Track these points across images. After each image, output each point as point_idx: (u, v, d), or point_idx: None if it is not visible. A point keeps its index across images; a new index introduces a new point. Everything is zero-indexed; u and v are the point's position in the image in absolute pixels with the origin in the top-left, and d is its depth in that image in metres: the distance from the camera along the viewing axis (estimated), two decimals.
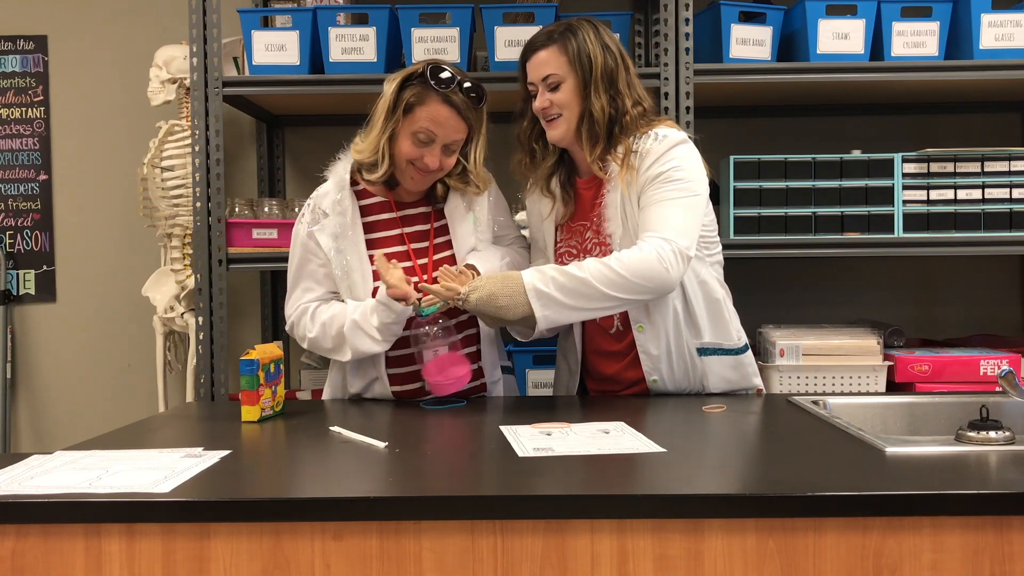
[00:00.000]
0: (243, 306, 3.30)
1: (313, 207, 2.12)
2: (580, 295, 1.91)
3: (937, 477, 1.41)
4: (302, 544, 1.32)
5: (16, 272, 3.32)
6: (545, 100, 2.08)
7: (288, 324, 2.18)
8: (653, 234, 1.97)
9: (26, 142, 3.31)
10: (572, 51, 2.05)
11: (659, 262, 1.93)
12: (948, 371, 2.61)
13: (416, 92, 2.01)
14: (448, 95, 2.00)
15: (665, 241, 1.94)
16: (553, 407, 2.07)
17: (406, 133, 2.02)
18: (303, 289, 2.14)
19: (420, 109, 2.00)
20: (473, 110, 2.04)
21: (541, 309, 1.91)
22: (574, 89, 2.07)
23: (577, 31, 2.07)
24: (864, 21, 2.68)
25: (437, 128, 2.01)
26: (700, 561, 1.30)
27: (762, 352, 2.75)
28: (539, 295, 1.90)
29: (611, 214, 2.07)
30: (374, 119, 2.06)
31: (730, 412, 1.95)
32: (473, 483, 1.49)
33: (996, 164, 2.71)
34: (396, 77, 2.04)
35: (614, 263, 1.94)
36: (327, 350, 2.12)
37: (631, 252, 1.95)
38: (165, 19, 3.23)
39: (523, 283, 1.91)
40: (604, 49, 2.06)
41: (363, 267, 2.08)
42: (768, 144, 3.02)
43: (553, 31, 2.09)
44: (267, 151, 3.26)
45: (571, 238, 2.19)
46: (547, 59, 2.07)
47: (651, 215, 2.00)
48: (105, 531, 1.32)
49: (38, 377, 3.34)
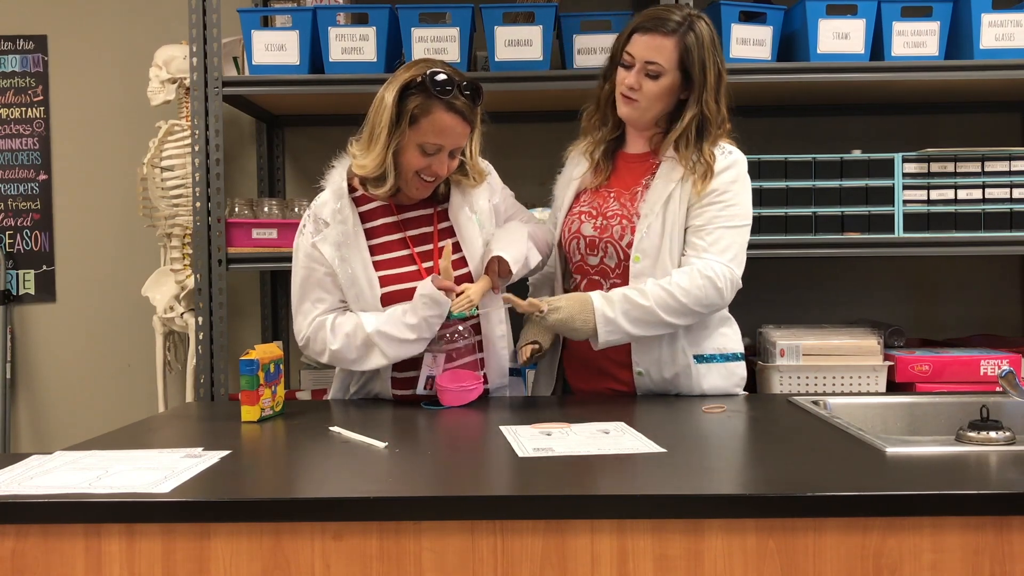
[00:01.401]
0: (243, 306, 3.30)
1: (314, 217, 2.07)
2: (643, 322, 2.03)
3: (937, 477, 1.41)
4: (302, 544, 1.32)
5: (16, 272, 3.32)
6: (637, 81, 2.06)
7: (302, 340, 2.08)
8: (716, 259, 2.04)
9: (26, 142, 3.31)
10: (683, 50, 2.04)
11: (719, 292, 2.04)
12: (948, 371, 2.61)
13: (419, 103, 1.95)
14: (451, 102, 1.95)
15: (727, 268, 2.04)
16: (553, 407, 2.07)
17: (412, 145, 1.98)
18: (314, 301, 2.07)
19: (425, 120, 1.95)
20: (474, 112, 2.01)
21: (606, 335, 2.02)
22: (669, 85, 2.07)
23: (699, 31, 2.05)
24: (864, 21, 2.68)
25: (444, 138, 1.97)
26: (700, 561, 1.30)
27: (762, 352, 2.75)
28: (607, 321, 2.01)
29: (653, 199, 2.09)
30: (375, 132, 1.98)
31: (730, 412, 1.95)
32: (473, 483, 1.49)
33: (996, 164, 2.71)
34: (394, 85, 1.97)
35: (679, 293, 2.02)
36: (351, 361, 2.04)
37: (693, 279, 2.02)
38: (165, 19, 3.23)
39: (594, 308, 2.01)
40: (715, 56, 2.06)
41: (368, 274, 2.04)
42: (768, 144, 3.02)
43: (677, 21, 2.05)
44: (267, 151, 3.26)
45: (593, 200, 2.19)
46: (659, 47, 2.04)
47: (714, 237, 2.05)
48: (105, 531, 1.32)
49: (38, 377, 3.34)
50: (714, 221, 2.06)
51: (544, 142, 2.41)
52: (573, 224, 2.19)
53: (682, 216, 2.08)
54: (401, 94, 1.96)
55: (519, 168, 2.16)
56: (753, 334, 2.82)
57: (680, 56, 2.04)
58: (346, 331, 2.02)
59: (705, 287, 2.02)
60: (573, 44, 2.74)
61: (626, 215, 2.12)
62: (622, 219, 2.12)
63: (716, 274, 2.03)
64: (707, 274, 2.02)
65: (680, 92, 2.09)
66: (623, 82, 2.09)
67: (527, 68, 2.70)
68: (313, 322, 2.06)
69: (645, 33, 2.06)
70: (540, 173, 2.52)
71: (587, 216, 2.17)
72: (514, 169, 2.16)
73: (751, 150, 2.72)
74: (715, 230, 2.06)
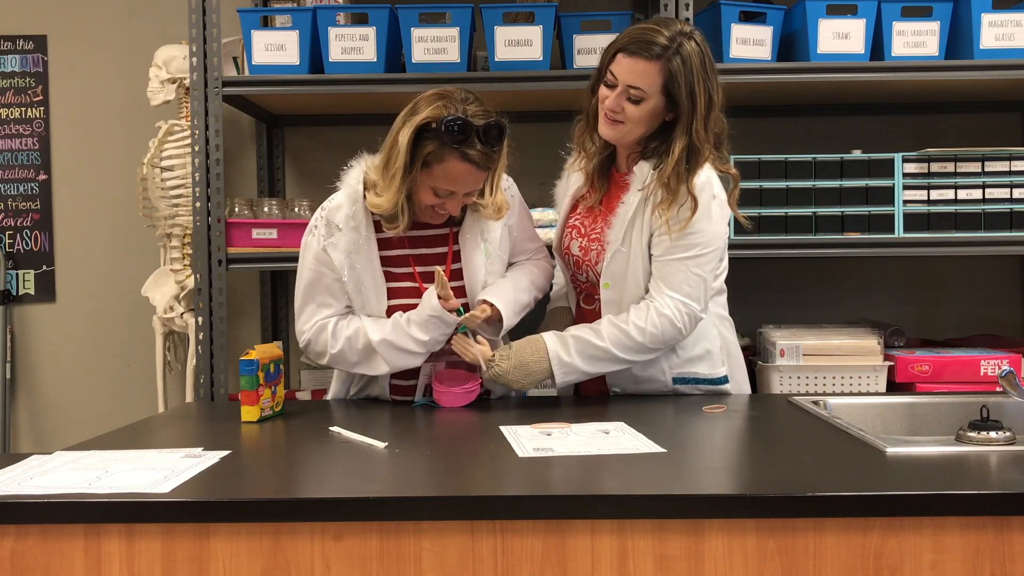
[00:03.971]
0: (243, 306, 3.30)
1: (326, 220, 2.03)
2: (599, 360, 2.02)
3: (937, 477, 1.41)
4: (302, 544, 1.32)
5: (16, 272, 3.31)
6: (618, 104, 1.99)
7: (303, 341, 2.08)
8: (672, 296, 2.00)
9: (25, 142, 3.31)
10: (668, 76, 1.94)
11: (677, 330, 2.01)
12: (948, 371, 2.61)
13: (432, 149, 1.89)
14: (465, 152, 1.88)
15: (683, 304, 2.00)
16: (553, 407, 2.07)
17: (425, 185, 1.94)
18: (319, 304, 2.05)
19: (438, 167, 1.91)
20: (492, 157, 1.93)
21: (562, 376, 2.02)
22: (652, 109, 1.98)
23: (686, 54, 1.94)
24: (864, 21, 2.67)
25: (457, 185, 1.93)
26: (700, 561, 1.30)
27: (762, 352, 2.75)
28: (561, 364, 2.00)
29: (618, 225, 2.05)
30: (390, 170, 1.93)
31: (730, 412, 1.95)
32: (473, 483, 1.49)
33: (996, 164, 2.70)
34: (411, 124, 1.90)
35: (634, 332, 1.99)
36: (351, 364, 2.05)
37: (650, 318, 1.99)
38: (165, 19, 3.23)
39: (547, 351, 2.00)
40: (705, 81, 1.96)
41: (376, 284, 2.03)
42: (768, 144, 3.01)
43: (663, 45, 1.94)
44: (267, 151, 3.26)
45: (585, 218, 2.17)
46: (643, 72, 1.95)
47: (671, 271, 2.00)
48: (105, 531, 1.32)
49: (38, 377, 3.34)
50: (670, 252, 2.00)
51: (544, 142, 2.40)
52: (566, 239, 2.19)
53: (646, 242, 2.03)
54: (417, 134, 1.90)
55: (519, 168, 2.14)
56: (753, 334, 2.82)
57: (664, 82, 1.94)
58: (347, 335, 2.02)
59: (662, 325, 1.99)
60: (573, 44, 2.74)
61: (600, 240, 2.10)
62: (599, 243, 2.10)
63: (673, 312, 1.99)
64: (664, 312, 1.99)
65: (665, 114, 2.01)
66: (604, 102, 2.01)
67: (527, 68, 2.69)
68: (315, 324, 2.05)
69: (629, 56, 1.96)
70: (540, 173, 2.52)
71: (576, 234, 2.17)
72: (514, 169, 2.15)
73: (751, 150, 2.74)
74: (671, 262, 2.00)
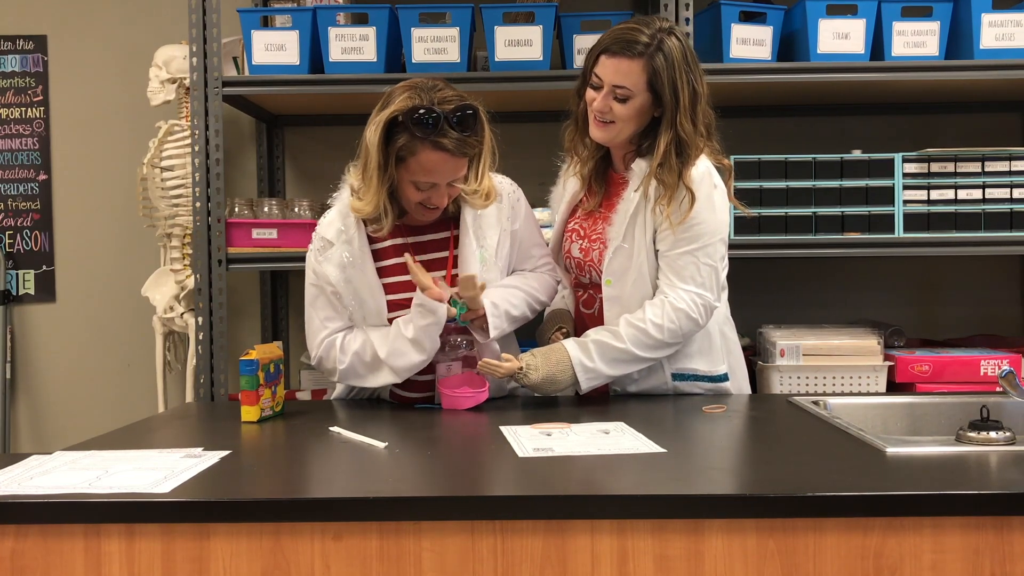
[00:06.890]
0: (243, 306, 3.30)
1: (320, 236, 2.03)
2: (621, 362, 2.03)
3: (937, 477, 1.41)
4: (302, 544, 1.31)
5: (16, 272, 3.31)
6: (606, 104, 2.00)
7: (314, 359, 2.08)
8: (686, 289, 2.01)
9: (26, 142, 3.31)
10: (652, 72, 1.96)
11: (694, 322, 2.02)
12: (948, 371, 2.61)
13: (404, 142, 1.86)
14: (436, 140, 1.84)
15: (698, 295, 2.01)
16: (553, 407, 2.06)
17: (405, 181, 1.92)
18: (323, 320, 2.05)
19: (412, 160, 1.88)
20: (467, 143, 1.89)
21: (587, 382, 2.02)
22: (639, 107, 2.00)
23: (668, 49, 1.96)
24: (864, 21, 2.67)
25: (435, 176, 1.90)
26: (700, 561, 1.30)
27: (762, 352, 2.75)
28: (585, 370, 2.01)
29: (618, 222, 2.06)
30: (367, 172, 1.91)
31: (730, 412, 1.95)
32: (473, 483, 1.49)
33: (996, 164, 2.71)
34: (378, 123, 1.88)
35: (652, 329, 2.00)
36: (361, 377, 2.04)
37: (666, 313, 2.00)
38: (165, 19, 3.23)
39: (570, 359, 2.00)
40: (688, 75, 1.97)
41: (375, 295, 2.01)
42: (768, 144, 3.01)
43: (645, 42, 1.96)
44: (267, 151, 3.26)
45: (584, 220, 2.18)
46: (627, 71, 1.97)
47: (680, 264, 2.01)
48: (105, 531, 1.32)
49: (38, 377, 3.34)
50: (677, 246, 2.01)
51: (544, 142, 2.40)
52: (566, 243, 2.20)
53: (649, 238, 2.04)
54: (388, 130, 1.88)
55: (519, 168, 2.15)
56: (753, 334, 2.82)
57: (648, 79, 1.96)
58: (354, 349, 2.01)
59: (679, 319, 2.00)
60: (573, 44, 2.74)
61: (602, 238, 2.10)
62: (600, 242, 2.10)
63: (688, 305, 2.00)
64: (679, 306, 2.00)
65: (653, 110, 2.02)
66: (592, 104, 2.02)
67: (527, 68, 2.70)
68: (323, 342, 2.05)
69: (612, 56, 1.98)
70: (540, 173, 2.52)
71: (577, 236, 2.17)
72: (514, 169, 2.15)
73: (751, 150, 2.74)
74: (679, 256, 2.01)
